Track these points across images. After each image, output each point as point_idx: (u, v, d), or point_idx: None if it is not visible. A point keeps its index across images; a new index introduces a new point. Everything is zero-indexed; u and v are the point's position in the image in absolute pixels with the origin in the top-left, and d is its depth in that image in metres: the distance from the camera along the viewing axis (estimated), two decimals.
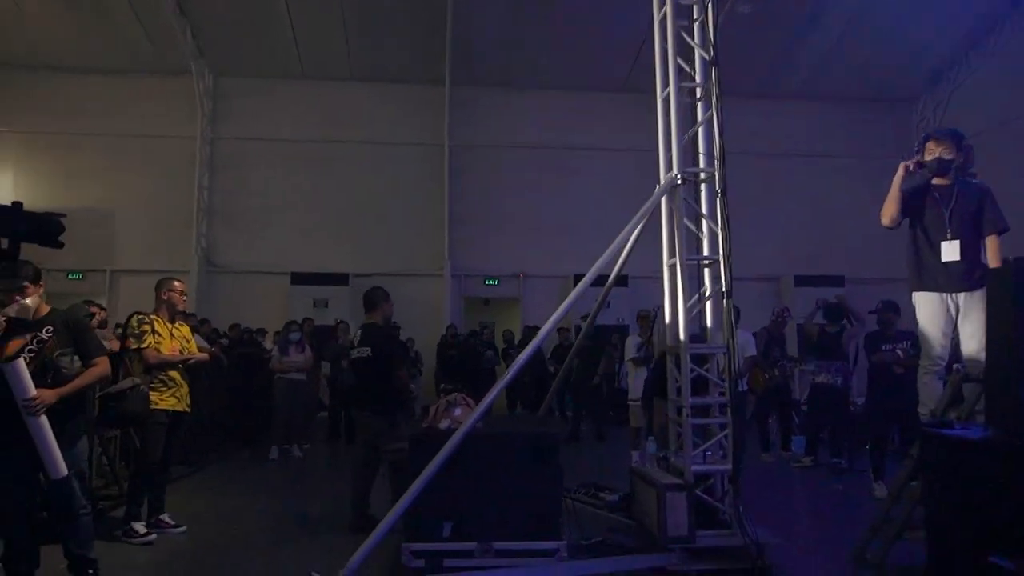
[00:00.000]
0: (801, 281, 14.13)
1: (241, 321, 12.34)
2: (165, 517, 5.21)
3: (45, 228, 1.83)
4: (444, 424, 4.12)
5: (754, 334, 8.88)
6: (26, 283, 3.49)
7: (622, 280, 9.97)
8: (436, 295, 14.58)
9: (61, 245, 1.84)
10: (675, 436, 4.65)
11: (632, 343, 7.76)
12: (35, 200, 14.44)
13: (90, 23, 13.34)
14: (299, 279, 14.11)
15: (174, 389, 5.16)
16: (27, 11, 12.92)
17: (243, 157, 14.78)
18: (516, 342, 12.90)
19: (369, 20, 13.47)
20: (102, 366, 3.73)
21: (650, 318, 7.64)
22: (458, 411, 4.17)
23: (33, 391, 3.32)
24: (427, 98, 14.84)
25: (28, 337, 3.47)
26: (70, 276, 14.10)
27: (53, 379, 3.47)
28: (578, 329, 11.57)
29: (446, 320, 14.16)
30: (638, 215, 4.41)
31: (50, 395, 3.39)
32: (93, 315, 6.65)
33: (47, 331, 3.51)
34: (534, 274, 14.91)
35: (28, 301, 3.49)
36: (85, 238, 14.01)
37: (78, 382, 3.58)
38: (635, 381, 7.68)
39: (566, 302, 4.18)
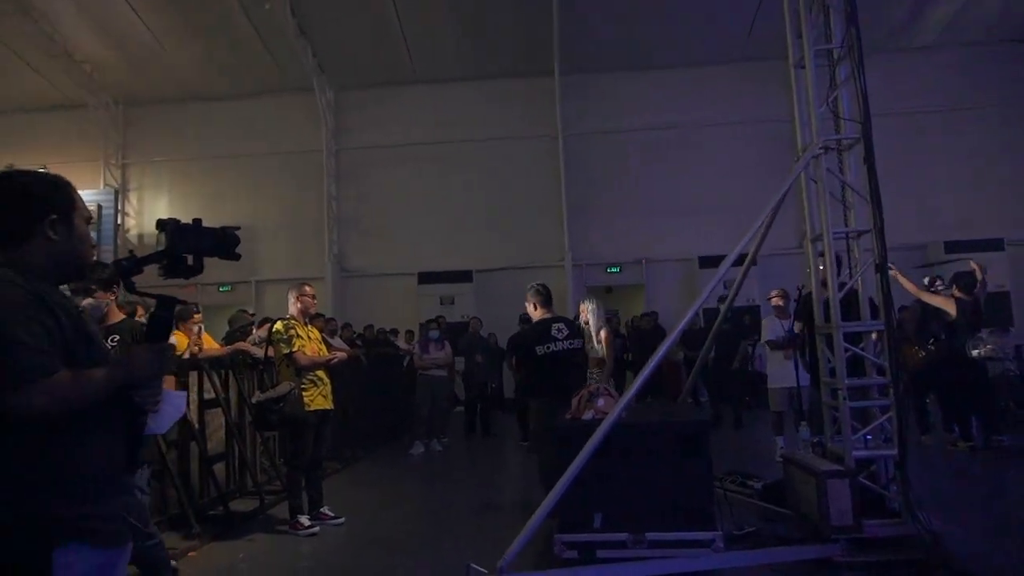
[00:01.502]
0: (953, 247, 12.99)
1: (374, 322, 12.92)
2: (325, 509, 5.52)
3: (224, 242, 1.95)
4: (588, 415, 4.11)
5: (905, 307, 8.30)
6: (94, 286, 3.27)
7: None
8: (558, 286, 14.59)
9: (239, 257, 1.97)
10: (831, 420, 4.41)
11: (768, 325, 7.41)
12: (185, 220, 15.74)
13: (223, 54, 14.36)
14: (426, 278, 14.58)
15: (321, 388, 5.44)
16: (169, 50, 14.09)
17: (366, 165, 15.43)
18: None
19: (476, 18, 13.66)
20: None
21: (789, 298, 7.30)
22: (601, 402, 4.14)
23: None
24: (538, 90, 14.89)
25: None
26: (221, 289, 15.27)
27: None
28: (707, 313, 11.25)
29: (569, 311, 14.16)
30: (780, 191, 4.18)
31: None
32: (251, 323, 7.20)
33: (112, 339, 3.25)
34: (657, 259, 14.64)
35: (86, 302, 3.21)
36: None
37: None
38: (773, 366, 7.34)
39: (709, 286, 4.04)
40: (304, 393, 5.29)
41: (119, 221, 15.31)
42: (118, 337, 3.34)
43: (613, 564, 3.71)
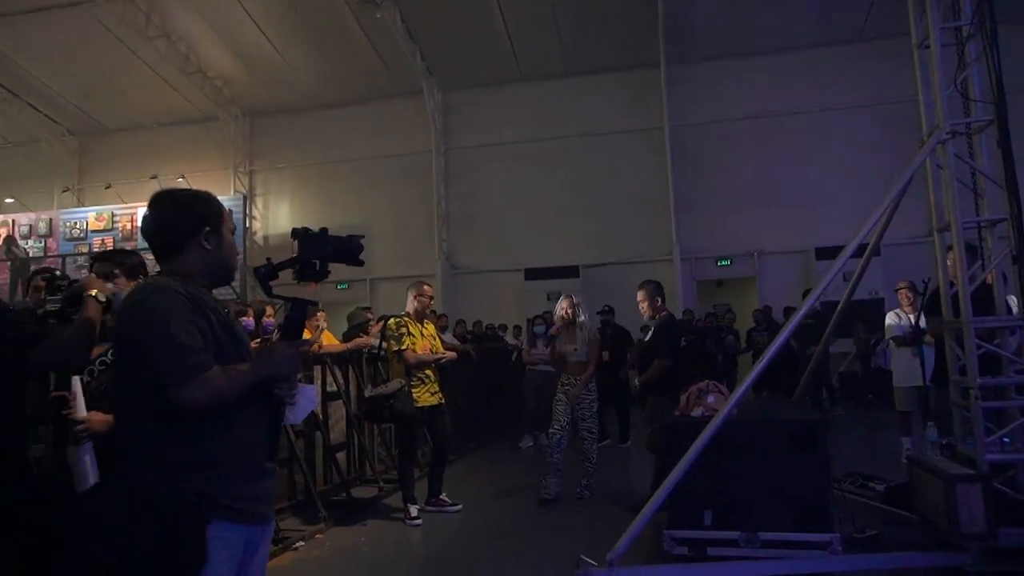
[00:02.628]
0: None
1: (482, 318, 13.21)
2: (443, 496, 5.77)
3: (347, 248, 2.12)
4: (697, 412, 4.08)
5: None
6: (117, 271, 2.77)
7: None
8: (666, 280, 14.32)
9: (362, 263, 2.14)
10: (961, 421, 4.15)
11: (893, 320, 7.01)
12: (305, 222, 16.66)
13: (338, 63, 15.12)
14: (532, 274, 14.74)
15: (429, 385, 5.64)
16: (289, 62, 14.97)
17: (473, 164, 15.77)
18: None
19: (580, 14, 13.64)
20: None
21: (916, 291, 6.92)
22: (711, 398, 4.10)
23: (82, 412, 2.48)
24: (643, 82, 14.72)
25: (104, 347, 2.61)
26: (339, 287, 16.04)
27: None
28: (826, 306, 10.73)
29: (678, 305, 13.92)
30: (902, 179, 3.97)
31: (100, 420, 2.48)
32: (369, 320, 7.56)
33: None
34: (770, 251, 14.13)
35: (107, 287, 2.67)
36: None
37: None
38: (899, 363, 6.94)
39: (826, 278, 3.90)
40: (413, 390, 5.49)
41: (247, 225, 16.39)
42: None
43: (726, 562, 3.67)
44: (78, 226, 16.13)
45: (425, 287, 5.85)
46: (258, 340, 5.32)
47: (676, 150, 14.50)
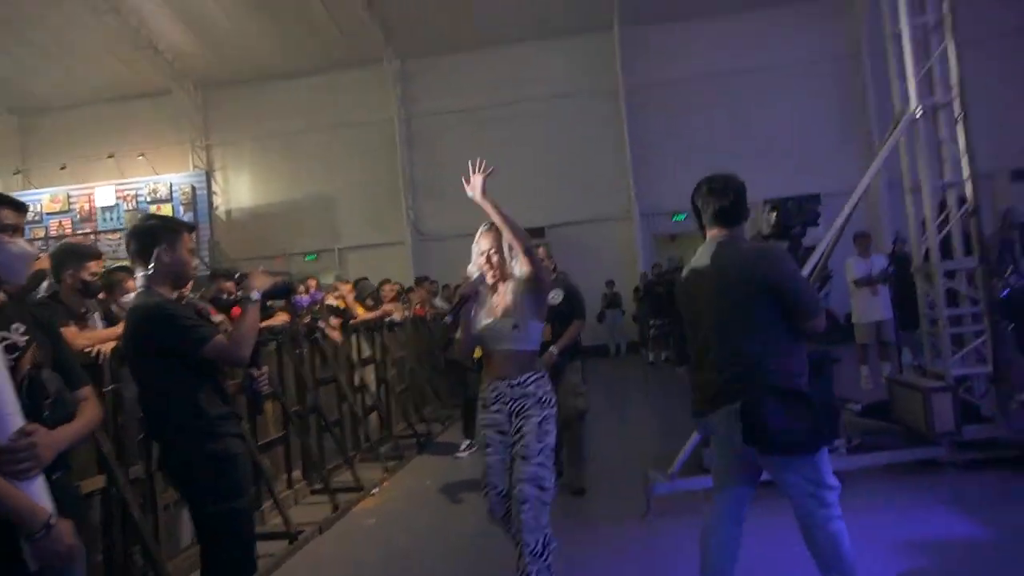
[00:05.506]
0: (1020, 175, 13.13)
1: (452, 282, 13.75)
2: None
3: (808, 211, 2.74)
4: None
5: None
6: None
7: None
8: (626, 236, 15.26)
9: (817, 224, 2.88)
10: (930, 346, 5.11)
11: (854, 264, 8.00)
12: (268, 195, 16.77)
13: (294, 32, 15.10)
14: None
15: None
16: (242, 32, 14.85)
17: (436, 130, 16.03)
18: None
19: None
20: (94, 405, 2.06)
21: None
22: None
23: (20, 419, 1.75)
24: (598, 45, 15.32)
25: None
26: (307, 258, 16.26)
27: (51, 411, 1.87)
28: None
29: (638, 260, 14.83)
30: (887, 147, 4.76)
31: (58, 437, 1.83)
32: (376, 289, 8.09)
33: (17, 330, 1.89)
34: None
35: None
36: (314, 223, 16.14)
37: (78, 427, 1.94)
38: (860, 301, 7.97)
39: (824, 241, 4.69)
40: None
41: (209, 200, 16.23)
42: (23, 327, 1.92)
43: None
44: (32, 209, 15.69)
45: None
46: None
47: (631, 110, 15.21)
